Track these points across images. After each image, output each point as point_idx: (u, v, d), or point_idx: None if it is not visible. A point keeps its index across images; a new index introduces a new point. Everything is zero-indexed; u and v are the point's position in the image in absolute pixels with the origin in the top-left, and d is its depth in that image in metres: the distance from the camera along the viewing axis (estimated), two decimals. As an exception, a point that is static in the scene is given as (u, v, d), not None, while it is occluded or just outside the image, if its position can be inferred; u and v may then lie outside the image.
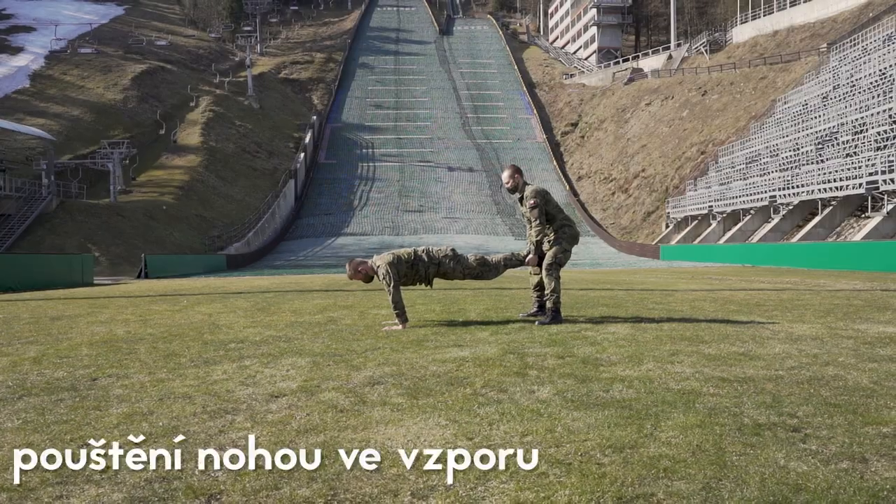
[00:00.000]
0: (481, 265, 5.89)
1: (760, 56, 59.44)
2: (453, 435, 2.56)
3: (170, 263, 28.59)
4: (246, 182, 55.74)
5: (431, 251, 5.89)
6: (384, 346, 4.49)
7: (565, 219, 5.98)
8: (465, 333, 5.03)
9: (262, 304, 8.26)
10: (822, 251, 23.65)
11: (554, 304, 5.74)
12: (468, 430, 2.62)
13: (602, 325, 5.40)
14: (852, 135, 30.48)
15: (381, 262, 5.72)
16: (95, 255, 32.83)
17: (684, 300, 7.99)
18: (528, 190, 5.88)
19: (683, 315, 6.20)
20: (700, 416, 2.76)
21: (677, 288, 10.94)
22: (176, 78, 68.17)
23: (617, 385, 3.36)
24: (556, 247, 5.82)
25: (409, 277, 5.82)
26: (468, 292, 9.59)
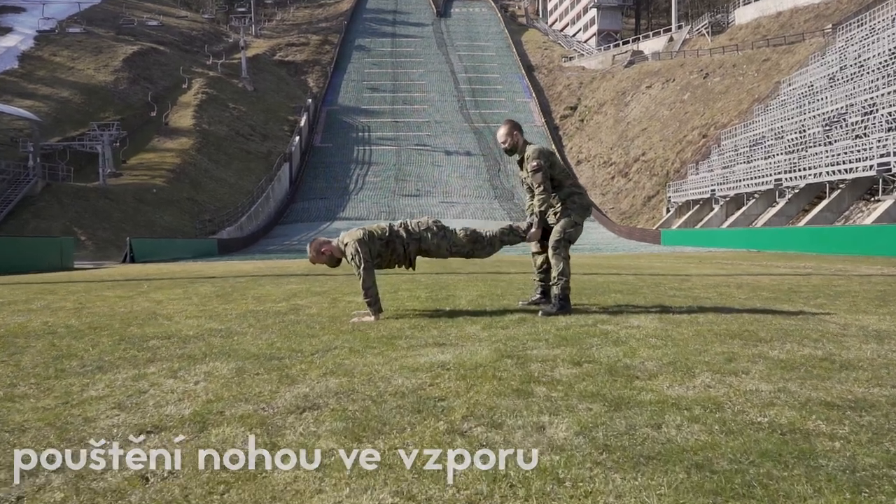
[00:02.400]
0: (472, 241, 4.98)
1: (763, 38, 58.31)
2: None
3: (157, 247, 27.69)
4: (239, 165, 54.72)
5: (410, 224, 4.95)
6: (342, 346, 3.53)
7: (574, 186, 5.01)
8: (450, 327, 4.08)
9: (227, 290, 7.39)
10: (831, 235, 22.80)
11: (562, 289, 4.76)
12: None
13: (622, 317, 4.44)
14: (861, 116, 29.55)
15: (349, 239, 4.77)
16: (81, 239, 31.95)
17: (706, 286, 7.13)
18: (530, 150, 4.91)
19: (714, 303, 5.32)
20: (840, 488, 1.69)
21: (690, 273, 10.09)
22: (168, 60, 66.85)
23: (671, 416, 2.29)
24: (564, 219, 4.82)
25: (384, 258, 4.88)
26: (461, 276, 8.71)
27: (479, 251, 5.05)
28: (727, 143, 43.27)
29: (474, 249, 5.00)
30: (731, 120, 49.09)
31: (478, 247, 5.00)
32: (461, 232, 4.97)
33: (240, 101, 64.11)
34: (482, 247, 5.01)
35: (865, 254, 19.23)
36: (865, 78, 32.92)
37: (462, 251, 4.98)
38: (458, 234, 4.96)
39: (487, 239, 5.04)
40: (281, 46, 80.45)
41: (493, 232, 5.10)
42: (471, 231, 5.03)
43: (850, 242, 21.19)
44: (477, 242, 4.98)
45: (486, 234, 5.07)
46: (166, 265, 19.36)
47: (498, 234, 5.08)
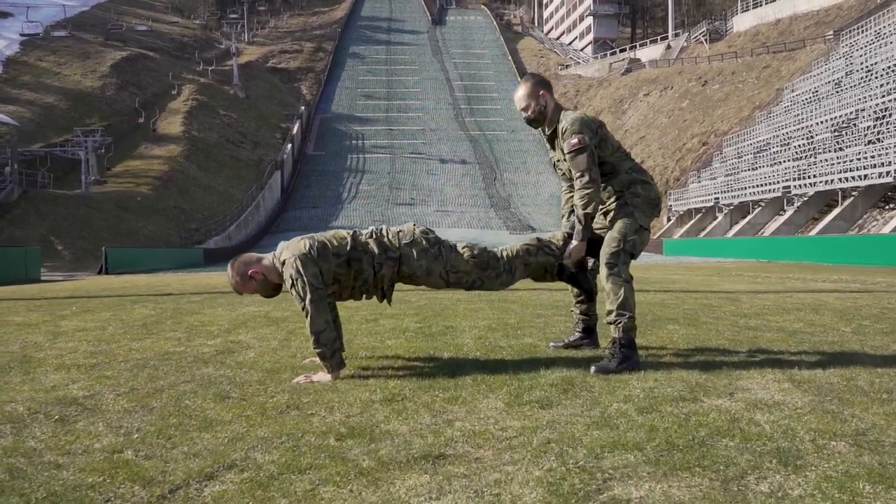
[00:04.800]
0: (481, 266, 3.34)
1: (763, 45, 57.49)
2: None
3: (136, 258, 26.27)
4: (229, 173, 53.39)
5: (387, 234, 3.31)
6: (244, 462, 1.92)
7: (636, 170, 3.39)
8: (452, 404, 2.49)
9: (165, 316, 6.01)
10: (846, 245, 21.59)
11: (625, 331, 3.13)
12: None
13: (721, 374, 2.88)
14: (874, 121, 28.46)
15: (288, 255, 3.16)
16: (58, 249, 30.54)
17: (772, 309, 5.80)
18: (567, 119, 3.28)
19: (819, 340, 3.86)
20: None
21: (728, 289, 8.80)
22: (158, 65, 65.59)
23: None
24: (621, 221, 3.25)
25: (344, 284, 3.26)
26: (460, 295, 7.36)
27: (492, 281, 3.37)
28: (729, 151, 42.19)
29: (483, 279, 3.36)
30: (732, 127, 48.10)
31: (489, 275, 3.35)
32: (465, 251, 3.33)
33: (231, 108, 62.84)
34: (496, 275, 3.36)
35: (885, 264, 18.07)
36: (875, 83, 31.89)
37: (465, 280, 3.34)
38: (459, 252, 3.34)
39: (505, 262, 3.37)
40: (274, 53, 79.32)
41: (513, 250, 3.42)
42: (479, 251, 3.36)
43: (868, 252, 20.00)
44: (488, 268, 3.34)
45: (503, 254, 3.41)
46: (140, 277, 18.00)
47: (520, 254, 3.40)
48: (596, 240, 3.33)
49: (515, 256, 3.40)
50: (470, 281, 3.36)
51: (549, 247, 3.44)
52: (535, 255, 3.42)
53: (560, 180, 3.64)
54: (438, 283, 3.33)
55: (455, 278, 3.33)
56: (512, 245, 3.48)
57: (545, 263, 3.44)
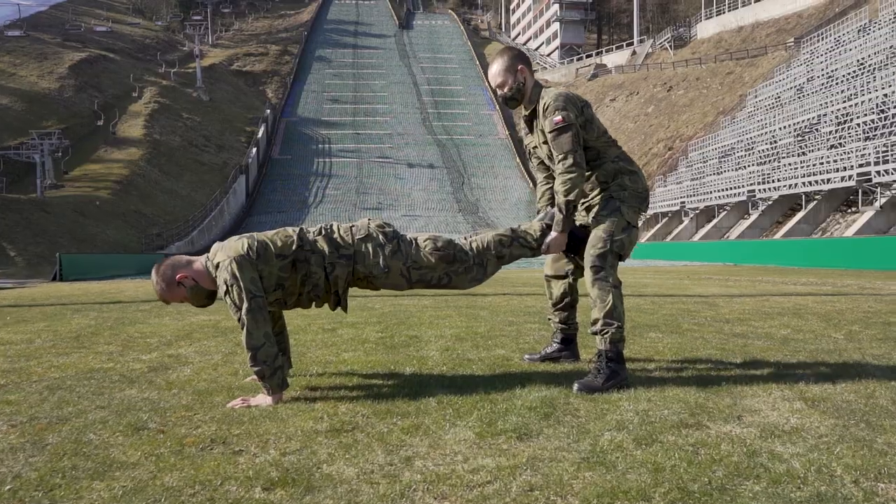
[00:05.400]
0: (447, 259, 2.89)
1: (726, 51, 58.31)
2: None
3: (94, 264, 25.29)
4: (192, 177, 52.22)
5: (337, 231, 2.87)
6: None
7: (623, 159, 3.03)
8: (412, 435, 2.07)
9: (104, 326, 5.48)
10: (811, 248, 21.71)
11: (612, 342, 2.74)
12: None
13: (723, 393, 2.51)
14: (835, 126, 28.83)
15: (223, 256, 2.71)
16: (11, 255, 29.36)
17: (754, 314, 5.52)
18: (550, 95, 2.90)
19: (814, 348, 3.56)
20: None
21: (699, 293, 8.56)
22: (119, 67, 64.00)
23: None
24: (609, 218, 2.85)
25: (290, 290, 2.81)
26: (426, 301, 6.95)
27: (460, 277, 2.92)
28: (695, 155, 42.55)
29: (451, 274, 2.90)
30: (697, 132, 48.61)
31: (457, 270, 2.90)
32: (427, 244, 2.89)
33: (194, 111, 61.58)
34: (464, 269, 2.91)
35: (848, 267, 18.19)
36: (836, 88, 32.39)
37: (430, 277, 2.89)
38: (421, 246, 2.89)
39: (474, 256, 2.93)
40: (239, 56, 78.11)
41: (484, 241, 2.97)
42: (443, 243, 2.92)
43: (832, 256, 20.13)
44: (455, 263, 2.89)
45: (472, 246, 2.96)
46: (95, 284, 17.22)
47: (492, 246, 2.96)
48: (578, 234, 2.92)
49: (486, 248, 2.96)
50: (436, 278, 2.90)
51: (524, 238, 3.00)
52: (509, 247, 2.98)
53: (536, 171, 3.24)
54: (400, 282, 2.87)
55: (418, 275, 2.87)
56: (482, 235, 3.03)
57: (520, 257, 3.03)
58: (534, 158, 3.17)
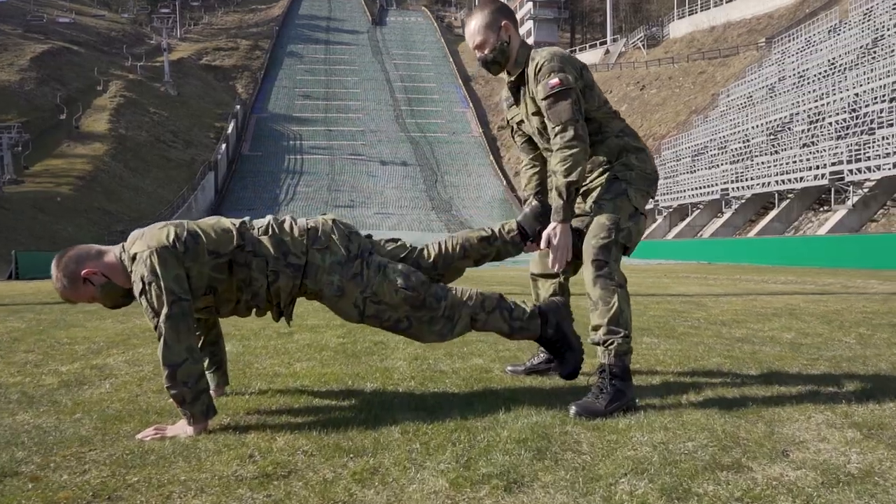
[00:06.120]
0: (415, 302, 2.34)
1: (698, 51, 58.63)
2: None
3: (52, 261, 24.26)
4: (159, 173, 50.98)
5: (290, 232, 2.32)
6: None
7: (627, 133, 2.50)
8: (364, 485, 1.55)
9: (38, 329, 4.86)
10: (785, 246, 21.65)
11: (617, 356, 2.24)
12: None
13: (745, 413, 2.08)
14: (808, 125, 28.91)
15: (142, 246, 2.16)
16: (-36, 253, 28.11)
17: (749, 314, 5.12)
18: (544, 55, 2.38)
19: (857, 362, 3.00)
20: None
21: (680, 292, 8.18)
22: (83, 60, 62.31)
23: None
24: (611, 202, 2.37)
25: (222, 295, 2.27)
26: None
27: (422, 327, 2.37)
28: (668, 154, 42.58)
29: (412, 320, 2.36)
30: (670, 131, 48.74)
31: (421, 316, 2.36)
32: (397, 278, 2.31)
33: (162, 106, 60.17)
34: (430, 319, 2.36)
35: (823, 265, 18.11)
36: (807, 88, 32.55)
37: (386, 317, 2.34)
38: (389, 277, 2.31)
39: (446, 307, 2.37)
40: (208, 50, 76.64)
41: (464, 295, 2.40)
42: (418, 282, 2.33)
43: (805, 254, 20.07)
44: (423, 308, 2.35)
45: (448, 296, 2.39)
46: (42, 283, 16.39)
47: (470, 304, 2.39)
48: (576, 230, 2.41)
49: (463, 305, 2.38)
50: (393, 319, 2.34)
51: (510, 312, 2.42)
52: (489, 314, 2.40)
53: (521, 152, 2.73)
54: (350, 312, 2.31)
55: (374, 311, 2.31)
56: (466, 287, 2.45)
57: (496, 330, 2.45)
58: (518, 136, 2.67)
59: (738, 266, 19.70)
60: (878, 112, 24.53)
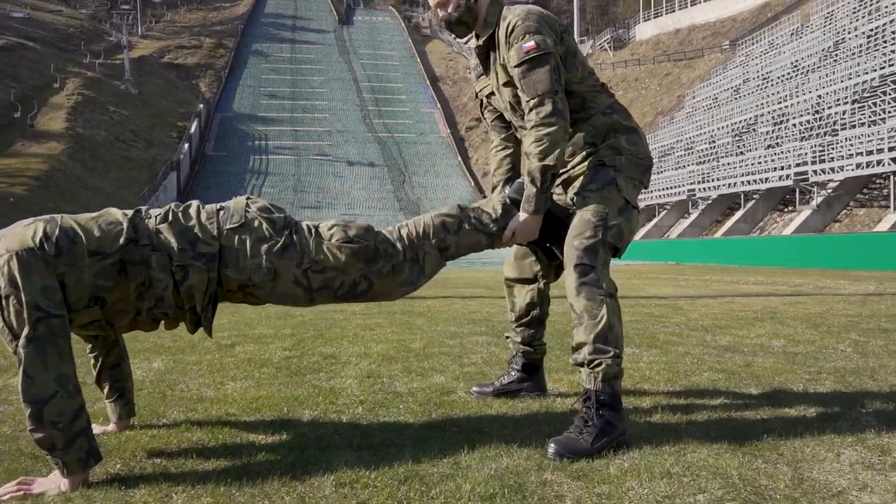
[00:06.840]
0: (365, 254, 1.90)
1: (664, 53, 59.16)
2: None
3: (1, 265, 23.25)
4: (119, 174, 49.57)
5: (195, 218, 1.87)
6: None
7: (615, 108, 2.12)
8: None
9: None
10: (751, 247, 21.73)
11: (606, 376, 1.84)
12: None
13: (760, 447, 1.72)
14: (772, 126, 29.15)
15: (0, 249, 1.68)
16: None
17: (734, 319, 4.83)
18: (516, 14, 2.00)
19: (863, 374, 2.69)
20: None
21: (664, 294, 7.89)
22: (39, 57, 60.37)
23: None
24: (597, 192, 1.98)
25: (115, 307, 1.80)
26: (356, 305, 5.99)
27: (387, 280, 1.96)
28: (635, 155, 42.73)
29: (372, 277, 1.94)
30: (637, 132, 49.09)
31: (380, 268, 1.95)
32: (334, 232, 1.94)
33: (122, 105, 58.61)
34: (392, 268, 1.96)
35: (788, 265, 18.19)
36: (771, 90, 32.86)
37: (338, 283, 1.92)
38: (324, 238, 1.92)
39: (405, 248, 1.98)
40: (170, 48, 75.00)
41: (419, 227, 2.03)
42: (358, 231, 1.96)
43: (771, 254, 20.17)
44: (378, 259, 1.94)
45: (402, 234, 2.00)
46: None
47: (431, 233, 2.01)
48: (556, 215, 2.02)
49: (423, 236, 2.00)
50: (348, 283, 1.91)
51: (477, 219, 2.05)
52: (457, 234, 2.03)
53: (491, 131, 2.33)
54: (294, 293, 1.88)
55: (322, 281, 1.89)
56: (418, 218, 2.08)
57: (473, 249, 2.08)
58: (488, 112, 2.27)
59: (706, 266, 19.67)
60: (842, 114, 24.80)
